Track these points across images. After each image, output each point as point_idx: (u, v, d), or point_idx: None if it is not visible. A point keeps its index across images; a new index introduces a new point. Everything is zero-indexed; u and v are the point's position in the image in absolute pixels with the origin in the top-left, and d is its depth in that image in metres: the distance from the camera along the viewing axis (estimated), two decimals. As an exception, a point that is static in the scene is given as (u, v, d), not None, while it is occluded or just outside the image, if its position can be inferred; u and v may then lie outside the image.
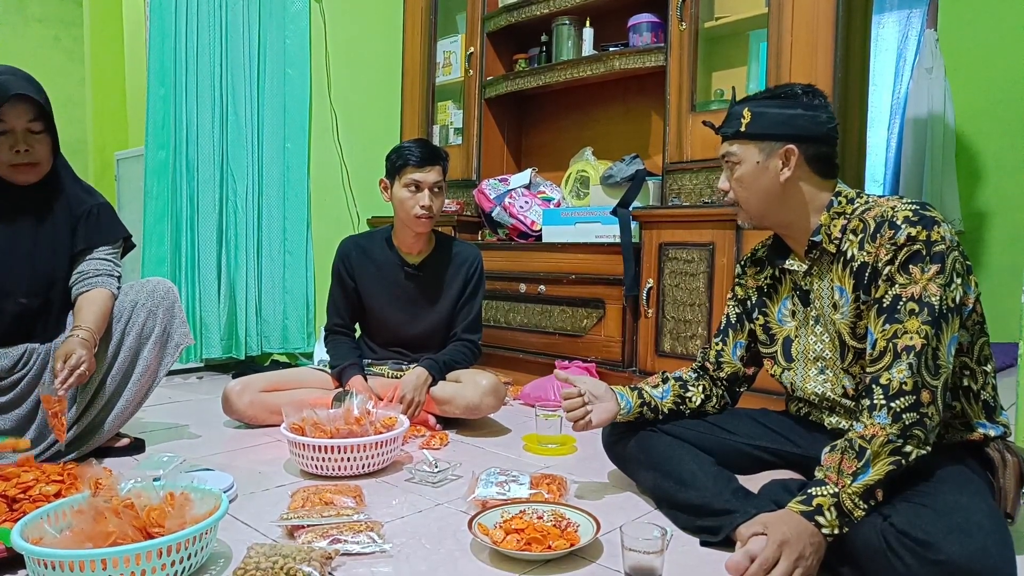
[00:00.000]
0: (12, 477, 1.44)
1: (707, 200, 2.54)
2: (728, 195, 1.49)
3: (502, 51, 3.46)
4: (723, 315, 1.70)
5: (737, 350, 1.66)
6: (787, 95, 1.41)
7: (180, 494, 1.29)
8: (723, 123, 1.48)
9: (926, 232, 1.24)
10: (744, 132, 1.41)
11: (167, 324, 1.91)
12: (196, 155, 3.10)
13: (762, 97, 1.44)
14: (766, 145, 1.40)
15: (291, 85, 3.40)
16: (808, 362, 1.49)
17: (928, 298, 1.23)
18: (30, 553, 1.09)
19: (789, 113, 1.39)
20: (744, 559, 1.17)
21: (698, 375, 1.70)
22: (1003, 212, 3.97)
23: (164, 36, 3.02)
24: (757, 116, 1.40)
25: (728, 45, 2.71)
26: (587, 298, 2.81)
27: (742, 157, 1.43)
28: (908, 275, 1.25)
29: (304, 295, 3.44)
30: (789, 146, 1.38)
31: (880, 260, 1.29)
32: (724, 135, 1.47)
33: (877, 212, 1.32)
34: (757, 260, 1.63)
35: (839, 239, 1.38)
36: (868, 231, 1.32)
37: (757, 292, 1.60)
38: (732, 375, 1.67)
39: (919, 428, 1.20)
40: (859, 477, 1.20)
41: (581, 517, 1.40)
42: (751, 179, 1.42)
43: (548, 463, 1.95)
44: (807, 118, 1.38)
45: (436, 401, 2.23)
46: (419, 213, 2.25)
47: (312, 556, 1.21)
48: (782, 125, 1.39)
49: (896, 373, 1.22)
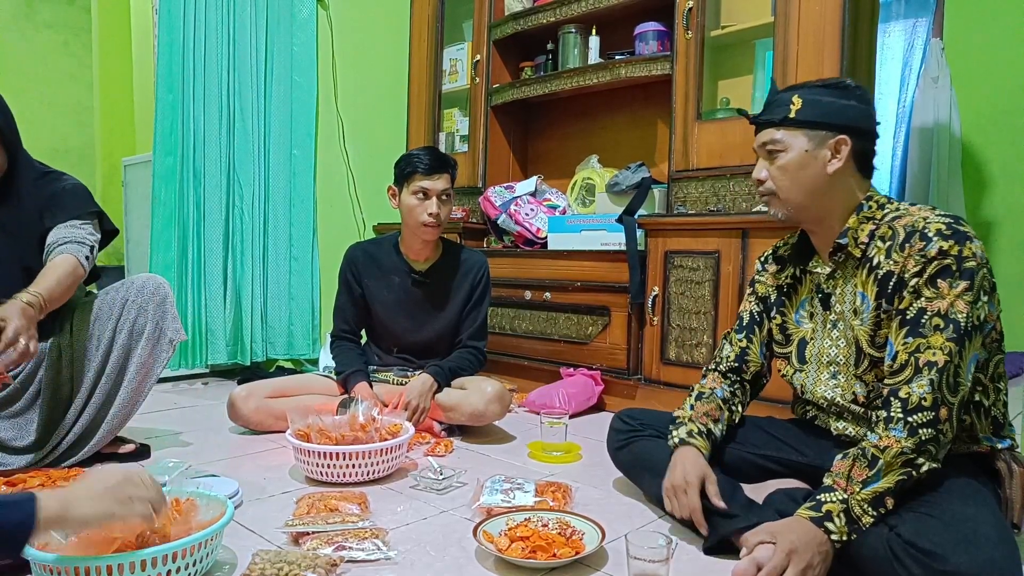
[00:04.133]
0: (18, 483, 1.45)
1: (713, 208, 2.54)
2: (765, 185, 1.43)
3: (508, 59, 3.47)
4: (743, 311, 1.65)
5: (764, 349, 1.62)
6: (840, 86, 1.37)
7: (186, 500, 1.29)
8: (765, 110, 1.42)
9: (958, 247, 1.22)
10: (794, 119, 1.36)
11: (159, 320, 1.86)
12: (203, 161, 3.12)
13: (810, 86, 1.39)
14: (816, 134, 1.36)
15: (298, 92, 3.42)
16: (821, 366, 1.48)
17: (955, 315, 1.21)
18: (36, 559, 1.09)
19: (843, 103, 1.35)
20: (751, 566, 1.16)
21: (731, 385, 1.62)
22: (1010, 221, 3.96)
23: (172, 43, 3.04)
24: (810, 103, 1.36)
25: (734, 54, 2.72)
26: (592, 305, 2.81)
27: (788, 144, 1.38)
28: (936, 289, 1.23)
29: (310, 301, 3.44)
30: (842, 136, 1.34)
31: (907, 271, 1.26)
32: (770, 121, 1.40)
33: (908, 221, 1.30)
34: (779, 258, 1.60)
35: (866, 244, 1.36)
36: (897, 239, 1.30)
37: (777, 291, 1.58)
38: (756, 374, 1.64)
39: (933, 444, 1.19)
40: (869, 485, 1.20)
41: (586, 525, 1.40)
42: (796, 167, 1.38)
43: (553, 471, 1.94)
44: (860, 111, 1.35)
45: (441, 408, 2.23)
46: (427, 220, 2.25)
47: (317, 563, 1.21)
48: (836, 114, 1.35)
49: (916, 388, 1.21)
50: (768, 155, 1.42)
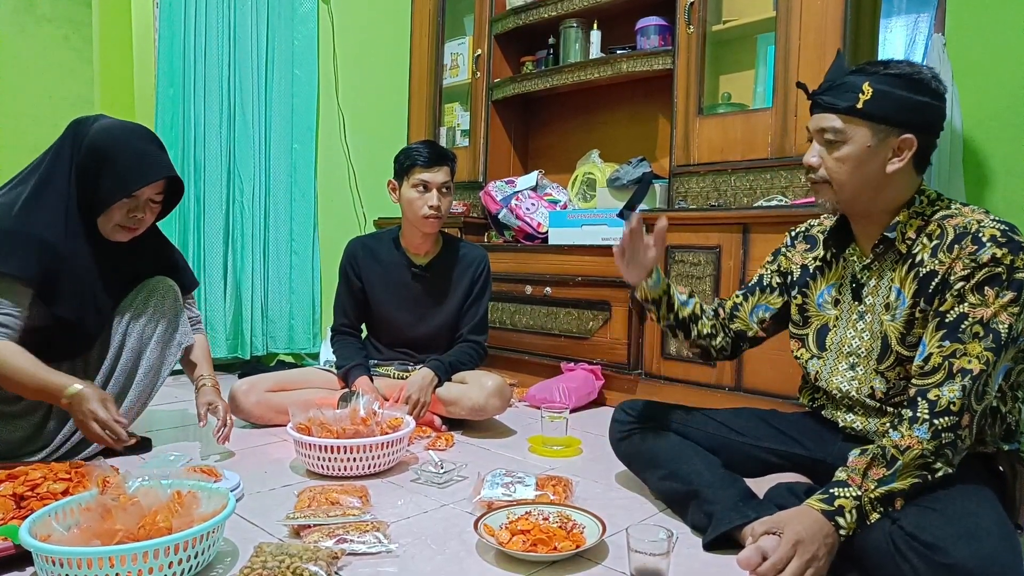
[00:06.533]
0: (20, 475, 1.45)
1: (714, 203, 2.54)
2: (818, 172, 1.34)
3: (509, 53, 3.46)
4: (756, 275, 1.63)
5: (759, 312, 1.60)
6: (916, 78, 1.25)
7: (187, 493, 1.29)
8: (829, 90, 1.31)
9: (1011, 256, 1.18)
10: (861, 109, 1.26)
11: (169, 324, 1.91)
12: (204, 155, 3.11)
13: (884, 72, 1.27)
14: (882, 128, 1.26)
15: (299, 86, 3.42)
16: (841, 356, 1.45)
17: (996, 325, 1.18)
18: (38, 550, 1.09)
19: (918, 100, 1.25)
20: (755, 554, 1.15)
21: (714, 313, 1.66)
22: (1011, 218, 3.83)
23: (173, 37, 3.04)
24: (881, 95, 1.25)
25: (736, 48, 2.71)
26: (593, 300, 2.81)
27: (850, 136, 1.28)
28: (982, 296, 1.19)
29: (310, 296, 3.45)
30: (908, 136, 1.26)
31: (954, 273, 1.22)
32: (834, 107, 1.29)
33: (960, 222, 1.25)
34: (810, 237, 1.56)
35: (912, 240, 1.32)
36: (946, 239, 1.25)
37: (802, 270, 1.54)
38: (740, 332, 1.63)
39: (951, 448, 1.18)
40: (884, 484, 1.19)
41: (587, 519, 1.40)
42: (856, 162, 1.28)
43: (554, 465, 1.94)
44: (934, 108, 1.26)
45: (442, 402, 2.23)
46: (427, 213, 2.25)
47: (318, 555, 1.21)
48: (908, 111, 1.25)
49: (947, 392, 1.18)
50: (825, 142, 1.32)
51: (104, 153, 1.70)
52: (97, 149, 1.70)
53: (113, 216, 1.74)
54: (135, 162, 1.71)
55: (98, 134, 1.71)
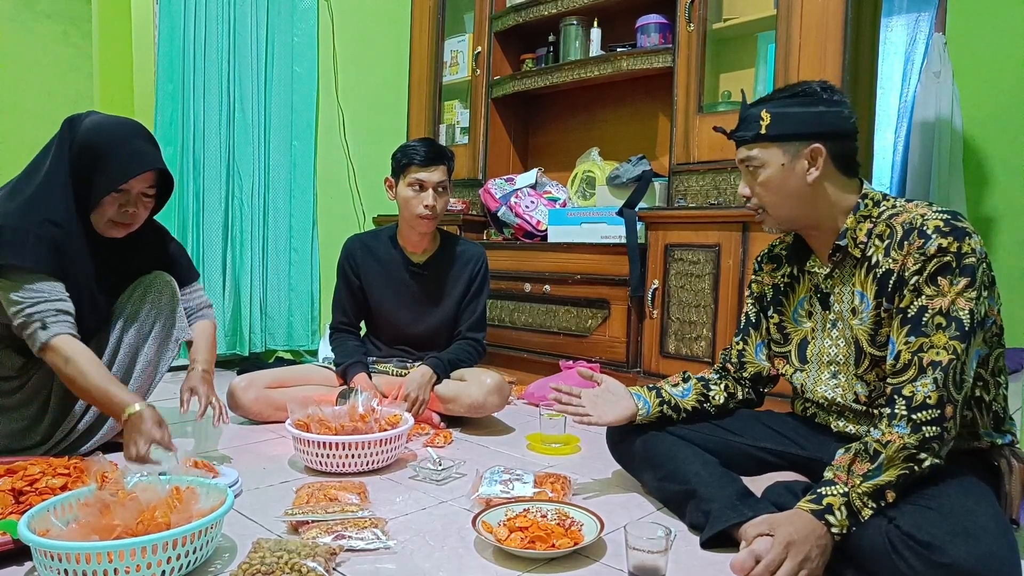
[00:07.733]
0: (19, 470, 1.45)
1: (713, 201, 2.54)
2: (751, 201, 1.44)
3: (509, 51, 3.46)
4: (742, 314, 1.67)
5: (762, 349, 1.62)
6: (806, 93, 1.36)
7: (186, 488, 1.29)
8: (738, 128, 1.42)
9: (957, 244, 1.21)
10: (765, 135, 1.36)
11: (166, 319, 1.90)
12: (203, 152, 3.11)
13: (778, 97, 1.39)
14: (791, 146, 1.35)
15: (298, 83, 3.41)
16: (822, 365, 1.48)
17: (956, 312, 1.20)
18: (37, 545, 1.09)
19: (812, 111, 1.34)
20: (749, 558, 1.17)
21: (720, 375, 1.67)
22: (1010, 217, 3.96)
23: (172, 33, 3.04)
24: (778, 117, 1.35)
25: (736, 47, 2.71)
26: (592, 298, 2.81)
27: (765, 160, 1.38)
28: (936, 287, 1.22)
29: (309, 293, 3.45)
30: (815, 145, 1.34)
31: (907, 269, 1.25)
32: (743, 140, 1.41)
33: (905, 218, 1.29)
34: (775, 257, 1.60)
35: (864, 243, 1.35)
36: (895, 237, 1.29)
37: (773, 289, 1.58)
38: (756, 375, 1.64)
39: (937, 440, 1.19)
40: (869, 478, 1.20)
41: (585, 516, 1.40)
42: (777, 182, 1.38)
43: (552, 462, 1.95)
44: (832, 115, 1.34)
45: (440, 399, 2.23)
46: (422, 212, 2.25)
47: (317, 552, 1.21)
48: (806, 124, 1.34)
49: (921, 387, 1.20)
50: (750, 172, 1.42)
51: (95, 149, 1.70)
52: (88, 145, 1.70)
53: (106, 211, 1.74)
54: (124, 156, 1.70)
55: (88, 130, 1.71)
